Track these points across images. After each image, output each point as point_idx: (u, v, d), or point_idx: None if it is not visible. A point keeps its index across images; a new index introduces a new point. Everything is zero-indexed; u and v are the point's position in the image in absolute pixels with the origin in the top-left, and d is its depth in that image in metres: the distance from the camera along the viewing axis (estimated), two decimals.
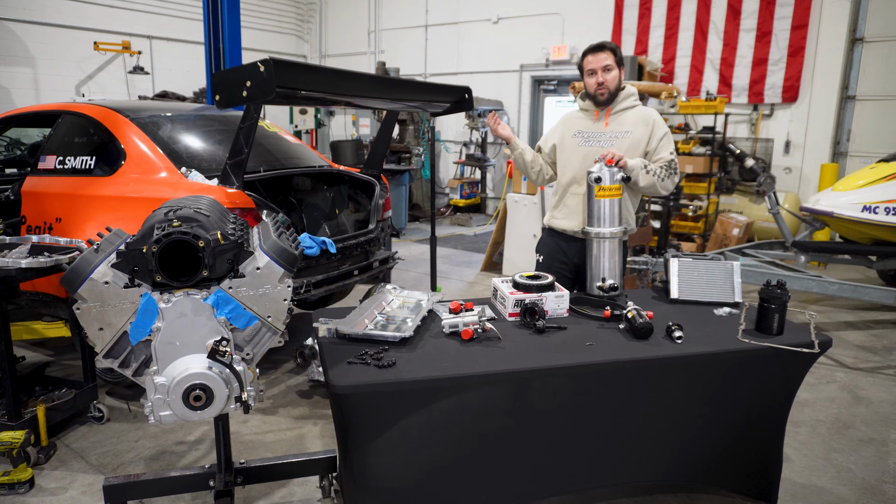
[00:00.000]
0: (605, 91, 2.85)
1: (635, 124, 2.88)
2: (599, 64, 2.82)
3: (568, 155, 2.99)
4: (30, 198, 3.79)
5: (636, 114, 2.91)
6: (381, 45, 11.95)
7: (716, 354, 2.18)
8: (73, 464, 2.92)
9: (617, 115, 2.92)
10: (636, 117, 2.90)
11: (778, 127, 8.21)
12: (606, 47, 2.85)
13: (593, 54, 2.85)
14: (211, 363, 1.81)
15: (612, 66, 2.83)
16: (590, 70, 2.86)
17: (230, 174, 3.26)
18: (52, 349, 4.31)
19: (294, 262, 1.94)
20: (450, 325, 2.22)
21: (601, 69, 2.82)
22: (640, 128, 2.87)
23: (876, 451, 3.12)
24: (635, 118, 2.90)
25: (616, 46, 2.89)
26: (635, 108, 2.93)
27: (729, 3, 8.25)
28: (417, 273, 6.73)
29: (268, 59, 2.83)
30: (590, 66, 2.85)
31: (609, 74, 2.83)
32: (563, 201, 3.03)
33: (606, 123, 2.91)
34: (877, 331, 5.02)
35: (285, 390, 3.74)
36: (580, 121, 3.00)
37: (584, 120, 3.00)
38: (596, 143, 2.90)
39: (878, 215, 4.99)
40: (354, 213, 4.61)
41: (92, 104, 4.04)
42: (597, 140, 2.91)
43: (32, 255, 2.81)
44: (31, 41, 8.94)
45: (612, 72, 2.83)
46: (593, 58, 2.85)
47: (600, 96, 2.87)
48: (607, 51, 2.83)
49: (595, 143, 2.91)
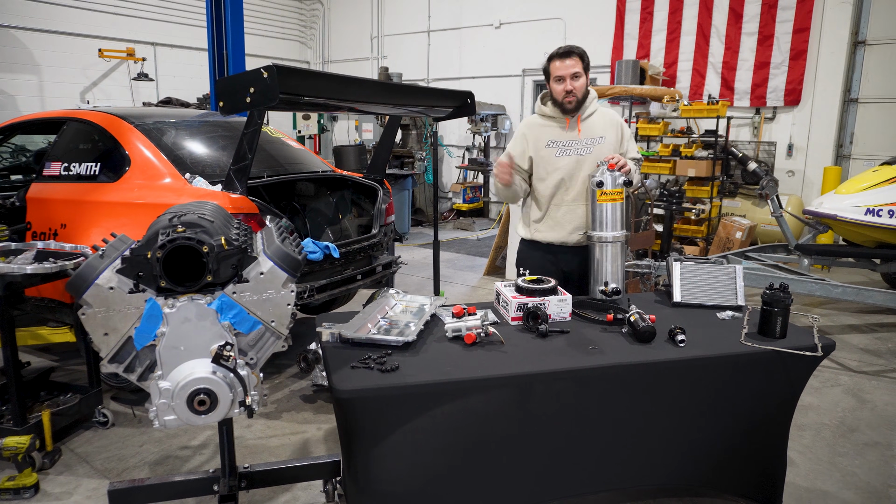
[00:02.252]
0: (574, 99, 2.74)
1: (605, 128, 2.83)
2: (567, 71, 2.71)
3: (546, 166, 2.85)
4: (35, 204, 3.81)
5: (601, 117, 2.86)
6: (383, 50, 11.99)
7: (718, 358, 2.18)
8: (78, 469, 2.93)
9: (586, 120, 2.84)
10: (603, 120, 2.85)
11: (780, 130, 8.20)
12: (574, 53, 2.73)
13: (560, 60, 2.73)
14: (215, 368, 1.82)
15: (580, 72, 2.72)
16: (557, 77, 2.74)
17: (234, 180, 3.28)
18: (57, 354, 4.33)
19: (297, 266, 1.95)
20: (453, 330, 2.23)
21: (569, 76, 2.71)
22: (611, 131, 2.84)
23: (881, 455, 3.11)
24: (603, 121, 2.85)
25: (584, 52, 2.77)
26: (598, 110, 2.88)
27: (730, 6, 8.26)
28: (420, 277, 6.74)
29: (271, 66, 2.85)
30: (557, 72, 2.73)
31: (577, 82, 2.72)
32: (547, 213, 2.90)
33: (579, 130, 2.82)
34: (881, 334, 5.01)
35: (289, 395, 3.74)
36: (549, 129, 2.86)
37: (553, 128, 2.85)
38: (575, 152, 2.81)
39: (881, 218, 4.98)
40: (357, 218, 4.63)
41: (96, 111, 4.08)
42: (575, 148, 2.81)
43: (38, 260, 2.82)
44: (37, 48, 9.01)
45: (581, 79, 2.73)
46: (560, 63, 2.73)
47: (568, 104, 2.76)
48: (575, 57, 2.72)
49: (574, 151, 2.81)
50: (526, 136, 2.89)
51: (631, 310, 2.33)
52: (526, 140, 2.89)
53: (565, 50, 2.74)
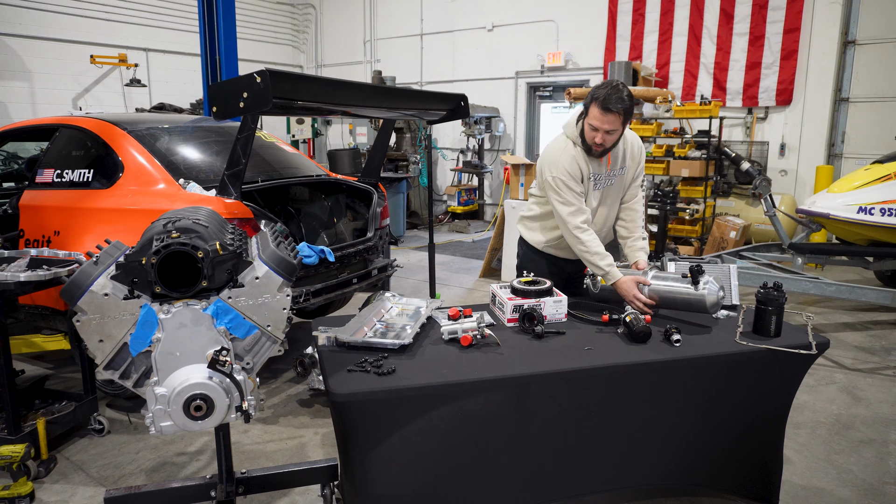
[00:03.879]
0: (601, 149, 2.68)
1: (625, 158, 2.85)
2: (603, 126, 2.59)
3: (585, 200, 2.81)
4: (28, 211, 3.79)
5: (624, 146, 2.84)
6: (376, 54, 12.00)
7: (714, 357, 2.19)
8: (74, 477, 2.91)
9: (613, 151, 2.81)
10: (626, 151, 2.85)
11: (773, 130, 8.25)
12: (616, 111, 2.54)
13: (603, 113, 2.56)
14: (211, 373, 1.81)
15: (616, 130, 2.61)
16: (591, 125, 2.63)
17: (228, 185, 3.27)
18: (51, 362, 4.31)
19: (293, 271, 1.95)
20: (449, 332, 2.23)
21: (604, 132, 2.61)
22: (630, 162, 2.86)
23: (876, 452, 3.13)
24: (624, 152, 2.84)
25: (629, 105, 2.57)
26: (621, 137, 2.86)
27: (722, 7, 8.31)
28: (416, 280, 6.74)
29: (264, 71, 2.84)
30: (594, 122, 2.61)
31: (610, 136, 2.63)
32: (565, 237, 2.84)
33: (609, 163, 2.81)
34: (875, 331, 5.03)
35: (286, 399, 3.74)
36: (586, 161, 2.76)
37: (591, 160, 2.76)
38: (602, 186, 2.82)
39: (873, 216, 5.01)
40: (353, 222, 4.62)
41: (89, 117, 4.06)
42: (604, 183, 2.82)
43: (31, 268, 2.81)
44: (28, 55, 8.97)
45: (615, 134, 2.64)
46: (602, 116, 2.57)
47: (595, 152, 2.70)
48: (616, 115, 2.56)
49: (602, 186, 2.83)
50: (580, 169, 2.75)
51: (626, 310, 2.34)
52: (580, 174, 2.75)
53: (610, 104, 2.54)
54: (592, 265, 2.67)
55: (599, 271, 2.64)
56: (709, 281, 2.35)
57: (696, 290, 2.35)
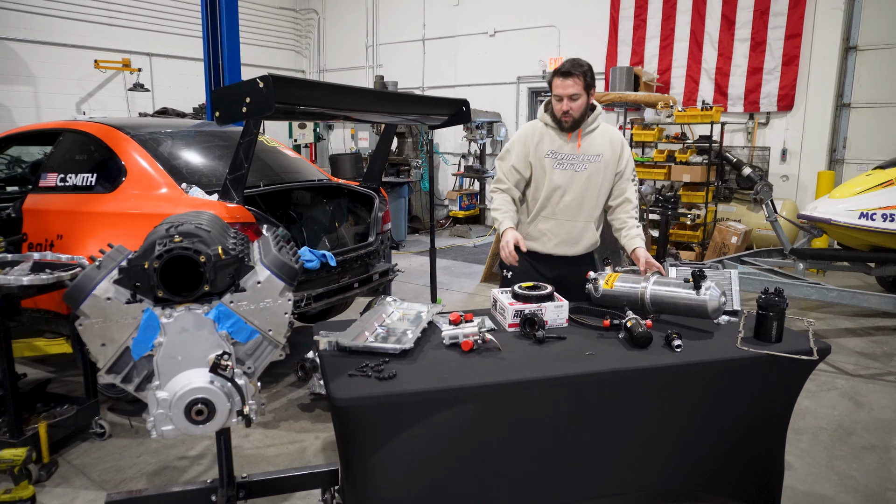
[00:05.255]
0: (570, 119, 2.71)
1: (604, 146, 2.81)
2: (566, 91, 2.64)
3: (541, 175, 2.82)
4: (31, 215, 3.81)
5: (602, 133, 2.83)
6: (378, 59, 12.04)
7: (715, 362, 2.19)
8: (75, 480, 2.91)
9: (588, 135, 2.81)
10: (603, 138, 2.83)
11: (774, 135, 8.25)
12: (574, 73, 2.63)
13: (561, 78, 2.66)
14: (213, 377, 1.82)
15: (579, 93, 2.65)
16: (556, 95, 2.69)
17: (230, 189, 3.28)
18: (53, 366, 4.31)
19: (294, 275, 1.96)
20: (450, 337, 2.23)
21: (567, 97, 2.65)
22: (608, 150, 2.82)
23: (878, 458, 3.12)
24: (603, 139, 2.82)
25: (587, 70, 2.67)
26: (601, 126, 2.85)
27: (723, 13, 8.33)
28: (417, 285, 6.74)
29: (267, 76, 2.86)
30: (556, 90, 2.68)
31: (575, 103, 2.67)
32: (534, 224, 2.89)
33: (579, 145, 2.78)
34: (877, 337, 5.03)
35: (287, 404, 3.74)
36: (550, 139, 2.81)
37: (554, 138, 2.80)
38: (570, 167, 2.78)
39: (875, 222, 5.01)
40: (354, 226, 4.63)
41: (92, 122, 4.09)
42: (571, 163, 2.78)
43: (34, 272, 2.82)
44: (32, 60, 9.02)
45: (579, 100, 2.67)
46: (560, 82, 2.65)
47: (565, 123, 2.74)
48: (575, 77, 2.63)
49: (570, 166, 2.78)
50: (527, 140, 2.84)
51: (627, 315, 2.34)
52: (527, 144, 2.83)
53: (567, 68, 2.65)
54: (494, 219, 2.89)
55: (497, 224, 2.87)
56: (710, 286, 2.36)
57: (698, 295, 2.36)
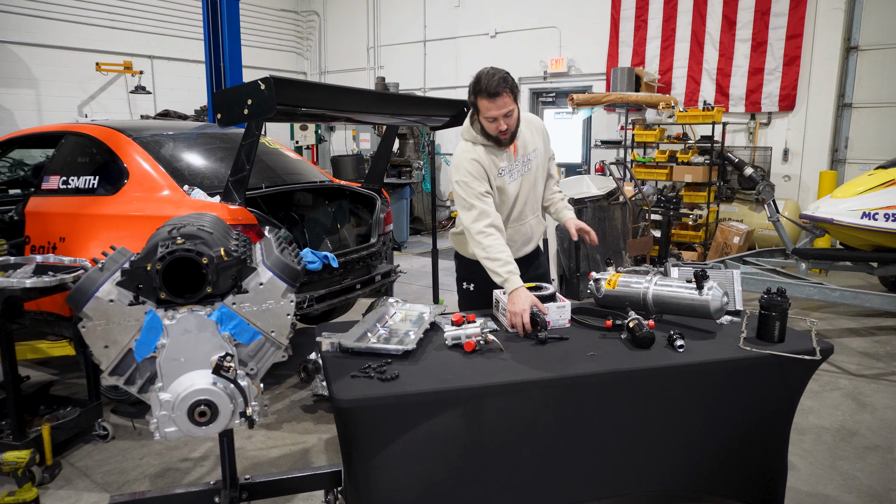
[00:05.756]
0: (508, 134, 2.57)
1: (533, 138, 2.75)
2: (500, 112, 2.48)
3: (503, 195, 2.72)
4: (34, 218, 3.82)
5: (527, 126, 2.74)
6: (380, 60, 12.05)
7: (717, 363, 2.19)
8: (79, 482, 2.92)
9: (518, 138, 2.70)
10: (529, 131, 2.75)
11: (776, 135, 8.24)
12: (501, 92, 2.45)
13: (490, 100, 2.46)
14: (215, 379, 1.82)
15: (512, 108, 2.50)
16: (488, 118, 2.51)
17: (232, 191, 3.29)
18: (56, 368, 4.32)
19: (297, 277, 1.96)
20: (452, 338, 2.23)
21: (502, 116, 2.49)
22: (538, 138, 2.77)
23: (882, 459, 3.11)
24: (529, 132, 2.74)
25: (512, 82, 2.50)
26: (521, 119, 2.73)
27: (724, 14, 8.32)
28: (419, 286, 6.74)
29: (268, 78, 2.87)
30: (488, 112, 2.49)
31: (510, 118, 2.53)
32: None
33: (514, 150, 2.69)
34: (880, 337, 5.02)
35: (289, 405, 3.74)
36: (495, 157, 2.65)
37: (498, 155, 2.65)
38: (519, 175, 2.72)
39: (877, 221, 5.00)
40: (356, 228, 4.64)
41: (94, 124, 4.09)
42: (518, 171, 2.72)
43: (37, 274, 2.83)
44: (34, 63, 9.03)
45: (513, 115, 2.53)
46: (491, 104, 2.47)
47: (504, 140, 2.59)
48: (505, 94, 2.46)
49: (518, 174, 2.72)
50: (483, 167, 2.63)
51: (630, 315, 2.34)
52: (484, 172, 2.64)
53: (493, 88, 2.44)
54: (492, 272, 2.50)
55: (498, 279, 2.47)
56: (713, 286, 2.35)
57: (700, 295, 2.35)
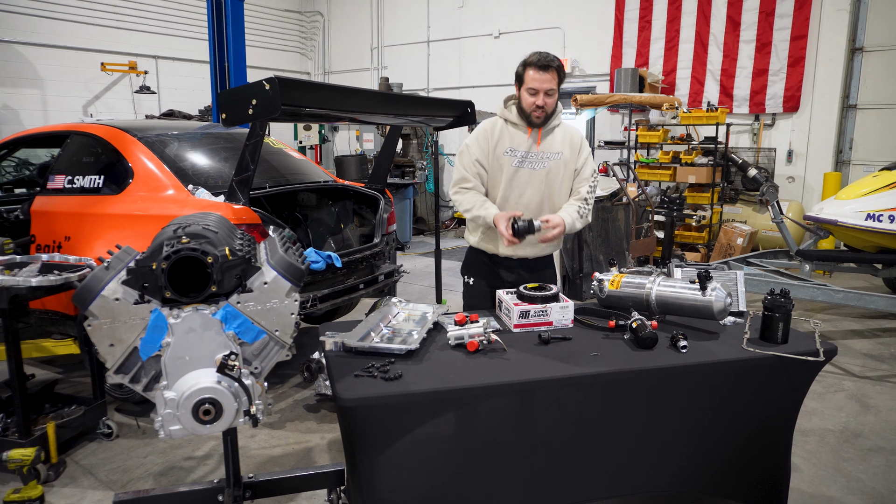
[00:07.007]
0: (542, 115, 2.66)
1: (563, 144, 2.77)
2: (543, 86, 2.59)
3: (499, 173, 2.75)
4: (39, 217, 3.84)
5: (563, 132, 2.80)
6: (383, 61, 12.06)
7: (721, 363, 2.19)
8: (83, 480, 2.93)
9: (548, 133, 2.76)
10: (563, 136, 2.79)
11: (780, 136, 8.23)
12: (553, 67, 2.58)
13: (538, 71, 2.58)
14: (220, 377, 1.83)
15: (554, 89, 2.62)
16: (531, 89, 2.61)
17: (236, 191, 3.30)
18: (61, 367, 4.34)
19: (301, 276, 1.97)
20: (455, 337, 2.23)
21: (544, 92, 2.60)
22: (568, 148, 2.78)
23: (886, 461, 3.10)
24: (562, 137, 2.78)
25: (562, 66, 2.64)
26: (562, 125, 2.82)
27: (728, 15, 8.31)
28: (422, 286, 6.75)
29: (273, 78, 2.88)
30: (532, 83, 2.60)
31: (550, 98, 2.63)
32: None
33: (539, 142, 2.73)
34: (884, 339, 5.00)
35: (293, 404, 3.75)
36: (510, 135, 2.74)
37: (514, 135, 2.74)
38: (529, 165, 2.73)
39: (882, 223, 4.99)
40: (359, 228, 4.65)
41: (99, 124, 4.11)
42: (530, 162, 2.73)
43: (42, 273, 2.84)
44: (40, 63, 9.08)
45: (554, 96, 2.64)
46: (537, 75, 2.58)
47: (536, 119, 2.67)
48: (553, 71, 2.59)
49: (528, 164, 2.73)
50: (488, 136, 2.75)
51: (633, 316, 2.34)
52: (488, 141, 2.75)
53: (545, 62, 2.59)
54: (476, 217, 2.72)
55: (481, 220, 2.71)
56: (716, 287, 2.35)
57: (704, 296, 2.35)
